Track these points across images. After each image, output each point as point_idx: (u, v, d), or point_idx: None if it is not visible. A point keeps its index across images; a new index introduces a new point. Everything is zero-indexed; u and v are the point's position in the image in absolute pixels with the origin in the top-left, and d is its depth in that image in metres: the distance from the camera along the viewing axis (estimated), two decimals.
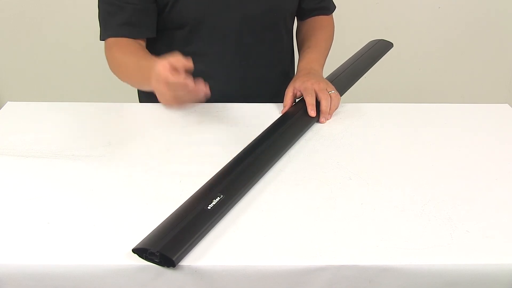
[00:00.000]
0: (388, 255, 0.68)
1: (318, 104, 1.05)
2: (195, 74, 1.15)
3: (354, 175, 0.86)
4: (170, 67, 0.84)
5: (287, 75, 1.29)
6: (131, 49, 1.05)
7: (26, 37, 2.23)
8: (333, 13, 1.29)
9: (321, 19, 1.25)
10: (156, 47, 1.15)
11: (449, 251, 0.69)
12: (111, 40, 1.07)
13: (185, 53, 1.13)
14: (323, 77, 1.13)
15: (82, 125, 1.02)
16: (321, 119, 1.04)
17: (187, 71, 0.85)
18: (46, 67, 2.30)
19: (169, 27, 1.10)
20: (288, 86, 1.10)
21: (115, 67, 1.07)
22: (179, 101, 0.93)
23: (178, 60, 0.85)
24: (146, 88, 0.97)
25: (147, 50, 1.07)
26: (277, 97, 1.19)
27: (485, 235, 0.72)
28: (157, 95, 0.92)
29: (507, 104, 1.15)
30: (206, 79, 1.16)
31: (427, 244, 0.69)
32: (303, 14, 1.25)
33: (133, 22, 1.06)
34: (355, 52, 1.33)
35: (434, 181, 0.85)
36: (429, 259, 0.67)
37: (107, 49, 1.08)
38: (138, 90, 1.30)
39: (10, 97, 1.92)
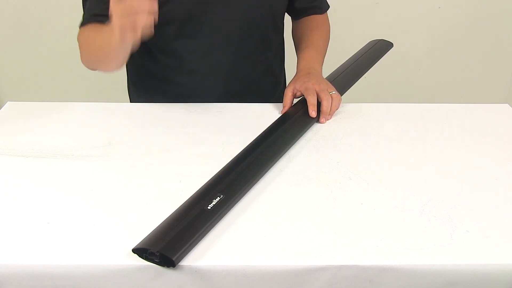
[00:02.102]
0: (388, 255, 0.68)
1: (318, 104, 1.05)
2: (182, 70, 1.16)
3: (354, 175, 0.86)
4: None
5: (276, 77, 1.28)
6: (97, 26, 0.99)
7: (26, 37, 2.23)
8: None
9: (316, 18, 1.25)
10: (143, 43, 1.13)
11: (449, 251, 0.69)
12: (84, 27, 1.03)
13: (173, 48, 1.13)
14: (323, 78, 1.13)
15: (82, 125, 1.02)
16: (321, 119, 1.04)
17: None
18: (46, 67, 2.30)
19: (156, 22, 1.10)
20: (288, 85, 1.10)
21: (82, 46, 1.02)
22: (135, 26, 0.83)
23: None
24: (111, 44, 0.91)
25: None
26: (267, 101, 1.18)
27: (485, 235, 0.72)
28: (114, 24, 0.85)
29: (507, 104, 1.15)
30: (193, 75, 1.16)
31: (427, 244, 0.69)
32: (297, 14, 1.24)
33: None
34: (355, 52, 1.33)
35: (434, 181, 0.85)
36: (429, 259, 0.67)
37: (78, 36, 1.04)
38: (128, 91, 1.30)
39: (10, 97, 1.92)
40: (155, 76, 1.19)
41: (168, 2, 1.05)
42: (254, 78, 1.22)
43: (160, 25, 1.10)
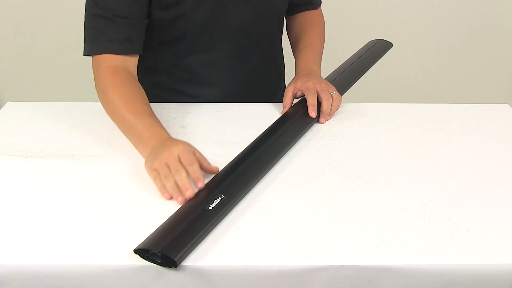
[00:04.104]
0: (388, 255, 0.68)
1: (318, 104, 1.05)
2: (193, 82, 1.16)
3: (354, 175, 0.86)
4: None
5: (281, 72, 1.30)
6: (130, 96, 0.94)
7: (26, 38, 2.23)
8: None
9: (310, 15, 1.25)
10: (153, 57, 1.12)
11: (449, 251, 0.69)
12: (105, 64, 0.98)
13: (186, 63, 1.12)
14: (323, 78, 1.13)
15: (82, 125, 1.02)
16: (321, 119, 1.04)
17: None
18: (46, 67, 2.30)
19: (167, 39, 1.09)
20: (288, 86, 1.10)
21: (109, 108, 0.96)
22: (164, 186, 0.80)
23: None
24: (135, 147, 0.91)
25: (146, 100, 0.97)
26: (273, 96, 1.19)
27: (485, 235, 0.72)
28: (151, 162, 0.83)
29: (507, 104, 1.15)
30: (202, 86, 1.16)
31: (427, 244, 0.69)
32: (291, 9, 1.24)
33: (127, 38, 0.99)
34: (355, 52, 1.33)
35: (434, 181, 0.85)
36: (429, 259, 0.67)
37: (98, 75, 0.98)
38: None
39: (10, 97, 1.92)
40: (167, 88, 1.17)
41: (180, 19, 1.04)
42: (263, 78, 1.22)
43: (172, 42, 1.10)
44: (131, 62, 1.01)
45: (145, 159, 0.85)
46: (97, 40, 0.98)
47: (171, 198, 0.78)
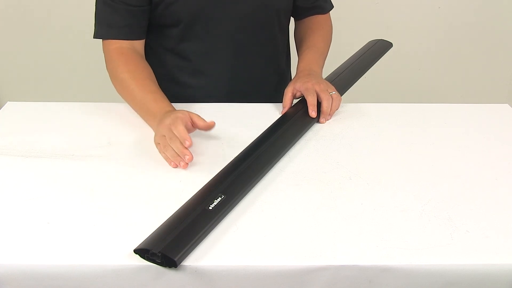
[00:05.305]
0: (388, 255, 0.68)
1: (318, 104, 1.05)
2: (189, 71, 1.16)
3: (354, 175, 0.86)
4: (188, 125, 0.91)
5: (283, 74, 1.29)
6: (138, 73, 1.04)
7: (26, 37, 2.23)
8: (333, 13, 1.28)
9: (318, 19, 1.25)
10: (150, 44, 1.15)
11: (449, 251, 0.69)
12: (112, 46, 1.07)
13: (178, 50, 1.14)
14: (323, 78, 1.13)
15: (82, 125, 1.02)
16: (321, 119, 1.04)
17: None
18: (46, 67, 2.30)
19: (163, 24, 1.10)
20: (288, 86, 1.10)
21: (119, 86, 1.06)
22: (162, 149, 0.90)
23: (200, 119, 0.91)
24: (145, 121, 1.02)
25: (153, 76, 1.07)
26: (273, 97, 1.19)
27: (485, 235, 0.72)
28: (155, 136, 0.93)
29: (507, 104, 1.15)
30: (200, 76, 1.17)
31: (427, 244, 0.69)
32: (299, 13, 1.25)
33: (127, 24, 1.06)
34: (355, 52, 1.33)
35: (434, 181, 0.85)
36: (429, 259, 0.67)
37: (108, 57, 1.08)
38: None
39: (10, 97, 1.92)
40: (163, 77, 1.17)
41: (175, 4, 1.05)
42: (261, 77, 1.22)
43: (167, 27, 1.11)
44: (137, 43, 1.10)
45: (154, 133, 0.94)
46: (100, 26, 1.08)
47: (176, 166, 0.86)
